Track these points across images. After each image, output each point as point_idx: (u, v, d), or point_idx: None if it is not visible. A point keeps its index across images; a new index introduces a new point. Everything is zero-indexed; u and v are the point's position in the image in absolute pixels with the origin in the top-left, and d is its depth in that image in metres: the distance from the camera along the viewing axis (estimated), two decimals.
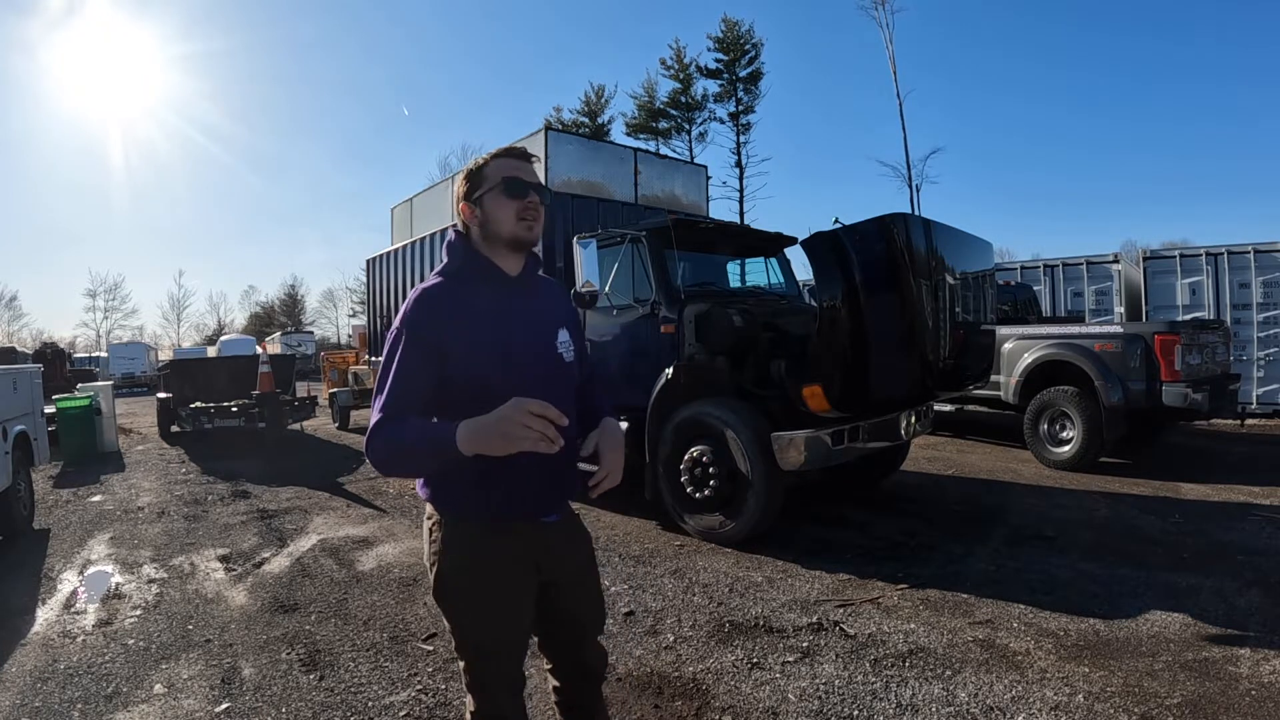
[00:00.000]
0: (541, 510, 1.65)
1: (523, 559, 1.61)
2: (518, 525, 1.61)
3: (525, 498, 1.60)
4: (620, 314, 5.42)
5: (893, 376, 4.50)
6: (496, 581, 1.58)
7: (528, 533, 1.62)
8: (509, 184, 1.59)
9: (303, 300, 57.81)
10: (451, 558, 1.59)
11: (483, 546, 1.58)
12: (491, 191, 1.60)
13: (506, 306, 1.59)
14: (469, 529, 1.59)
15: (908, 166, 28.79)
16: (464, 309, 1.54)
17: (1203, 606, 3.52)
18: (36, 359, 19.91)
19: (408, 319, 1.52)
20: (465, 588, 1.58)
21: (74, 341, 49.85)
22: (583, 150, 7.81)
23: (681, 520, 4.92)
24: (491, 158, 1.64)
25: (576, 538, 1.78)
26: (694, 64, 34.66)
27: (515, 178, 1.59)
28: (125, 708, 2.83)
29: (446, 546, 1.59)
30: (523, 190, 1.59)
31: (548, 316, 1.69)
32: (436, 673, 3.04)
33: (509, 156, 1.63)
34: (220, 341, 29.54)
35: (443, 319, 1.52)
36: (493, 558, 1.58)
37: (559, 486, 1.68)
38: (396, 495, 6.62)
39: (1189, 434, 9.07)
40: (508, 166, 1.61)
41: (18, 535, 5.45)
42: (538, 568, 1.64)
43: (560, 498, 1.71)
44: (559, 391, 1.64)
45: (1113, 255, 11.09)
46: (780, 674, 2.95)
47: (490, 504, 1.57)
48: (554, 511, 1.68)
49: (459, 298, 1.56)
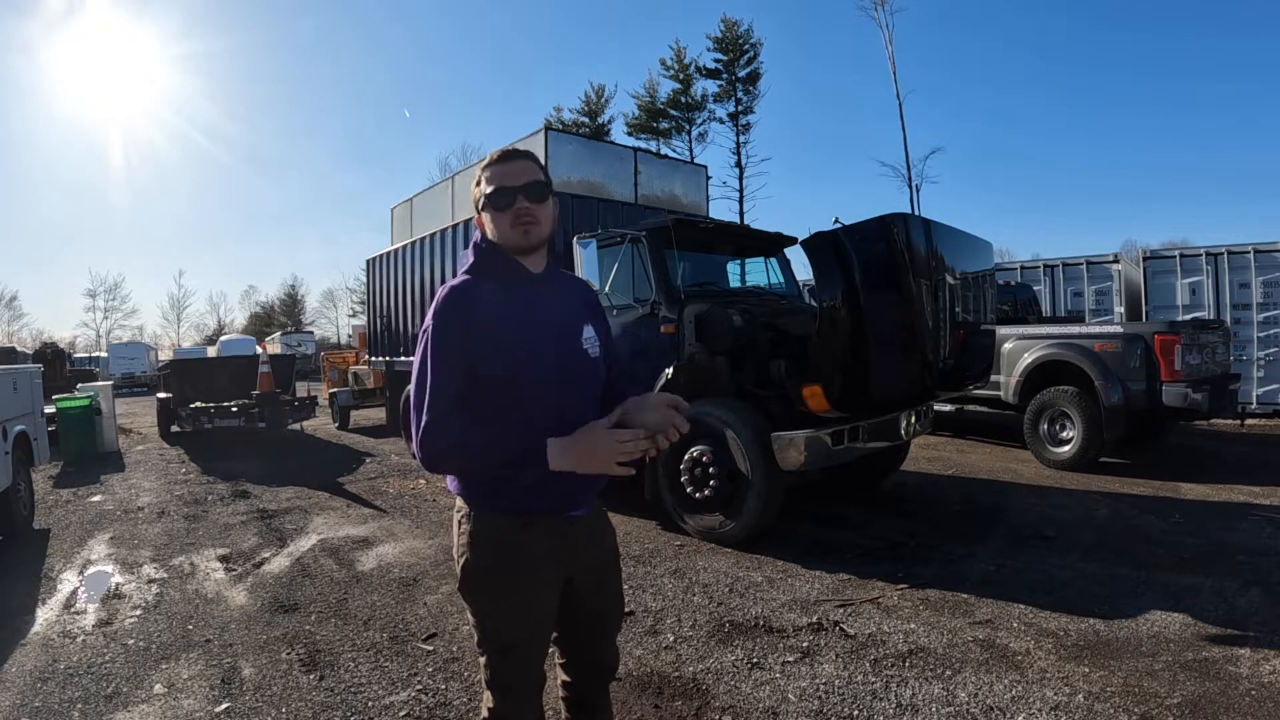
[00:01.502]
0: (569, 505, 1.64)
1: (550, 554, 1.60)
2: (546, 520, 1.61)
3: (553, 492, 1.59)
4: (620, 314, 5.42)
5: (893, 376, 4.50)
6: (523, 576, 1.58)
7: (555, 527, 1.62)
8: (493, 197, 1.60)
9: (303, 300, 57.91)
10: (479, 550, 1.59)
11: (511, 540, 1.58)
12: (486, 206, 1.62)
13: (531, 303, 1.60)
14: (497, 522, 1.59)
15: (908, 166, 28.78)
16: (490, 306, 1.54)
17: (1203, 606, 3.52)
18: (36, 359, 19.93)
19: (438, 317, 1.53)
20: (492, 581, 1.58)
21: (74, 341, 49.94)
22: (583, 150, 7.81)
23: (681, 520, 4.92)
24: (482, 170, 1.64)
25: (602, 533, 1.77)
26: (694, 65, 34.69)
27: (498, 188, 1.59)
28: (125, 708, 2.83)
29: (475, 539, 1.59)
30: (508, 199, 1.58)
31: (572, 313, 1.69)
32: (436, 673, 3.04)
33: (493, 165, 1.63)
34: (220, 341, 29.49)
35: (471, 316, 1.53)
36: (520, 552, 1.58)
37: (586, 481, 1.66)
38: (396, 495, 6.62)
39: (1189, 434, 9.07)
40: (494, 176, 1.61)
41: (18, 535, 5.45)
42: (564, 563, 1.63)
43: (587, 492, 1.69)
44: (584, 387, 1.67)
45: (1113, 255, 11.09)
46: (780, 674, 2.95)
47: (518, 497, 1.57)
48: (582, 506, 1.67)
49: (485, 295, 1.56)
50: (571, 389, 1.62)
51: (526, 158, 1.65)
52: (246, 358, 13.25)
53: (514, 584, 1.58)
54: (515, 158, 1.64)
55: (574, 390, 1.62)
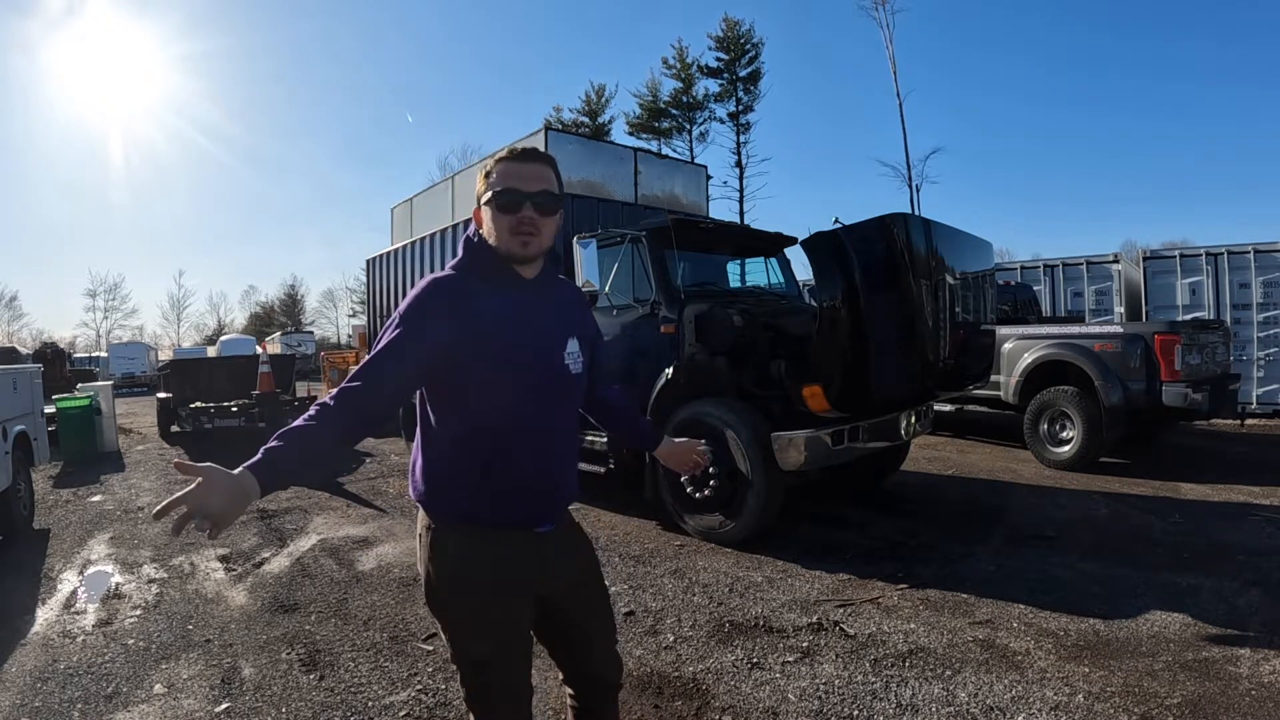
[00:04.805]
0: (533, 521, 1.59)
1: (517, 567, 1.55)
2: (511, 533, 1.56)
3: (515, 508, 1.55)
4: (620, 314, 5.42)
5: (893, 376, 4.49)
6: (487, 591, 1.52)
7: (521, 542, 1.57)
8: (501, 197, 1.48)
9: (303, 300, 57.89)
10: (440, 565, 1.53)
11: (473, 554, 1.52)
12: (489, 203, 1.51)
13: (514, 309, 1.51)
14: (460, 536, 1.53)
15: (908, 166, 28.81)
16: (470, 305, 1.47)
17: (1203, 606, 3.52)
18: (36, 359, 19.89)
19: (412, 305, 1.46)
20: (455, 596, 1.54)
21: (74, 341, 49.89)
22: (583, 150, 7.81)
23: (681, 520, 4.91)
24: (496, 161, 1.53)
25: (575, 547, 1.72)
26: (695, 64, 34.70)
27: (510, 189, 1.48)
28: (125, 708, 2.83)
29: (435, 553, 1.54)
30: (517, 203, 1.47)
31: (559, 324, 1.60)
32: (436, 673, 3.03)
33: (509, 160, 1.51)
34: (220, 341, 29.54)
35: (446, 312, 1.45)
36: (483, 566, 1.52)
37: (551, 497, 1.63)
38: (396, 495, 6.62)
39: (1189, 434, 9.06)
40: (506, 174, 1.49)
41: (18, 535, 5.44)
42: (534, 578, 1.58)
43: (552, 509, 1.64)
44: (558, 401, 1.60)
45: (1113, 255, 11.09)
46: (780, 674, 2.95)
47: (483, 511, 1.53)
48: (548, 521, 1.62)
49: (467, 293, 1.48)
50: (540, 401, 1.56)
51: (546, 163, 1.54)
52: (246, 358, 13.26)
53: (477, 599, 1.52)
54: (534, 160, 1.52)
55: (542, 403, 1.56)
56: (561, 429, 1.63)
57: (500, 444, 1.52)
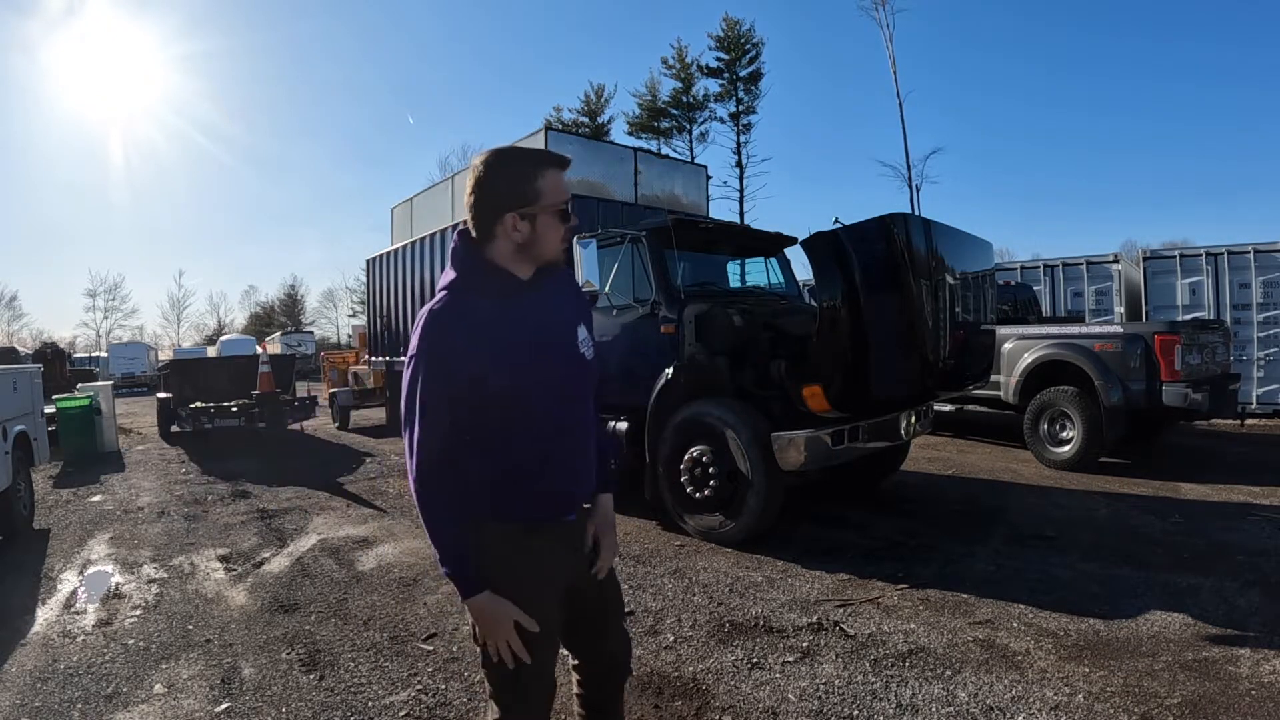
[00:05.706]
0: (566, 509, 1.64)
1: (558, 559, 1.60)
2: (549, 526, 1.59)
3: (549, 501, 1.58)
4: (620, 314, 5.42)
5: (893, 376, 4.49)
6: (527, 585, 1.55)
7: (554, 533, 1.60)
8: (565, 212, 1.55)
9: (303, 300, 57.87)
10: (486, 561, 1.54)
11: (514, 549, 1.55)
12: (547, 214, 1.53)
13: (521, 313, 1.54)
14: (503, 531, 1.56)
15: (908, 166, 28.80)
16: (477, 325, 1.48)
17: (1203, 606, 3.52)
18: (36, 359, 19.86)
19: (422, 348, 1.47)
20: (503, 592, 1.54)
21: (74, 341, 49.88)
22: (583, 150, 7.82)
23: (681, 520, 4.92)
24: (536, 169, 1.52)
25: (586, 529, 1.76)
26: (695, 64, 34.70)
27: (571, 200, 1.56)
28: (125, 708, 2.83)
29: (480, 550, 1.55)
30: (569, 212, 1.56)
31: (565, 316, 1.63)
32: (436, 673, 3.04)
33: (558, 169, 1.55)
34: (220, 341, 29.57)
35: (458, 341, 1.46)
36: (530, 560, 1.56)
37: (580, 486, 1.67)
38: (396, 495, 6.62)
39: (1189, 434, 9.07)
40: (563, 185, 1.55)
41: (18, 535, 5.45)
42: (571, 566, 1.63)
43: (580, 497, 1.68)
44: (583, 390, 1.65)
45: (1113, 255, 11.08)
46: (780, 674, 2.95)
47: (526, 506, 1.56)
48: (574, 510, 1.66)
49: (470, 314, 1.49)
50: (573, 400, 1.60)
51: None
52: (246, 358, 13.27)
53: (518, 594, 1.53)
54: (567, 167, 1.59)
55: (575, 402, 1.61)
56: (584, 418, 1.66)
57: (532, 443, 1.54)
